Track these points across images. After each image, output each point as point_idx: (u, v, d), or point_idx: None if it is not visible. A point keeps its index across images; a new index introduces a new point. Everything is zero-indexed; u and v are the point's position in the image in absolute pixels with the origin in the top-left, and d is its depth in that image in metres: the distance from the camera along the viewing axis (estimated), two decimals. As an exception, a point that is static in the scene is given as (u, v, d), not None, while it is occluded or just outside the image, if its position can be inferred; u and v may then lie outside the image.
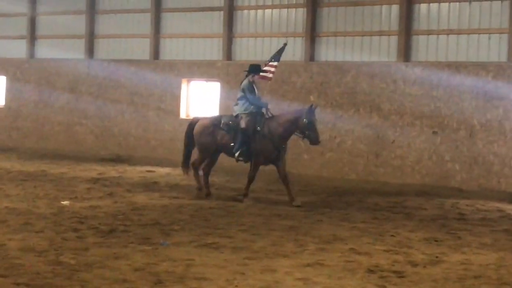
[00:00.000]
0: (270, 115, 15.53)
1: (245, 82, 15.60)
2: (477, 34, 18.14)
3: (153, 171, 20.27)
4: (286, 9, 21.02)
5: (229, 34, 21.98)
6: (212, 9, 22.41)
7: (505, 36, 17.73)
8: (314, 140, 15.25)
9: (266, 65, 16.28)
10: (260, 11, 21.51)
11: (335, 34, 20.18)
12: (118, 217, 12.83)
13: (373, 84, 19.27)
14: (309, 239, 11.36)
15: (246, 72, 15.75)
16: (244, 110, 15.47)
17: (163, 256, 9.80)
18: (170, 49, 23.36)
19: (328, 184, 18.37)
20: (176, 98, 22.75)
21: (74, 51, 25.24)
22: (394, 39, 19.25)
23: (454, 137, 18.16)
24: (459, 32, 18.39)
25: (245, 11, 21.78)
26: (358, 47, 19.82)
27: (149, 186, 17.25)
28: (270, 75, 16.29)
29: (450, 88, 18.21)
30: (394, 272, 9.32)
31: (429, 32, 18.81)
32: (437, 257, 10.32)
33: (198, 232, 11.63)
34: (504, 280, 9.01)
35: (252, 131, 15.30)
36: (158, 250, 10.20)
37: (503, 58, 17.76)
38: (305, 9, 20.62)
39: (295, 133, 15.41)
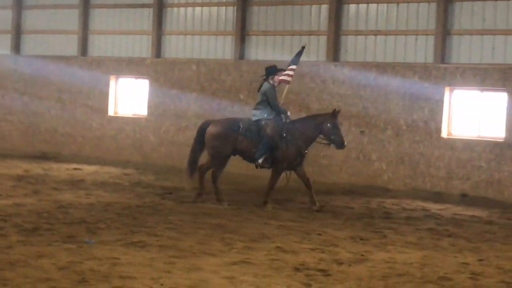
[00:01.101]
0: (288, 120, 15.31)
1: (267, 86, 15.16)
2: (404, 35, 18.36)
3: (80, 169, 20.03)
4: (216, 7, 20.98)
5: (159, 31, 21.83)
6: (141, 5, 22.23)
7: (431, 38, 17.99)
8: (339, 144, 15.13)
9: (287, 69, 15.82)
10: (190, 9, 21.42)
11: (265, 33, 20.22)
12: (42, 215, 12.62)
13: (302, 84, 19.35)
14: (236, 238, 11.35)
15: (264, 76, 15.40)
16: (267, 116, 15.10)
17: (88, 254, 9.67)
18: (99, 46, 23.10)
19: (257, 183, 18.34)
20: (104, 95, 22.50)
21: (0, 47, 24.74)
22: (323, 39, 19.37)
23: (381, 137, 18.37)
24: (386, 33, 18.59)
25: (175, 9, 21.67)
26: (288, 47, 19.87)
27: (76, 184, 17.03)
28: (289, 79, 15.76)
29: (378, 89, 18.41)
30: (320, 270, 9.37)
31: (357, 33, 18.98)
32: (362, 255, 10.42)
33: (124, 231, 11.51)
34: (427, 279, 9.14)
35: (277, 137, 15.00)
36: (83, 248, 10.06)
37: (430, 59, 18.02)
38: (235, 7, 20.60)
39: (320, 137, 15.29)
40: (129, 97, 22.46)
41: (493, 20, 17.34)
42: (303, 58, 19.50)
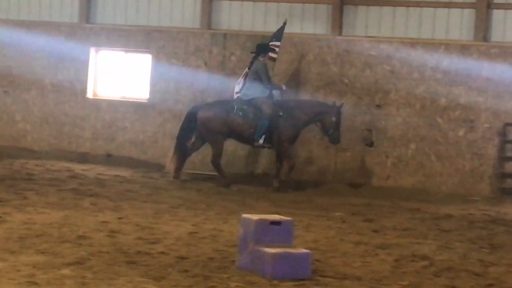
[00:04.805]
0: (284, 92, 14.91)
1: (259, 64, 14.70)
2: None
3: None
4: None
5: None
6: None
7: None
8: (336, 140, 14.90)
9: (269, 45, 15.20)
10: None
11: None
12: None
13: None
14: None
15: (253, 54, 14.81)
16: (261, 94, 14.61)
17: None
18: None
19: None
20: None
21: None
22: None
23: (25, 97, 17.89)
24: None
25: None
26: None
27: None
28: (275, 55, 15.20)
29: (22, 47, 17.84)
30: None
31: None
32: (0, 217, 10.06)
33: None
34: (65, 238, 9.02)
35: (276, 116, 14.39)
36: None
37: (75, 19, 17.81)
38: None
39: (315, 123, 14.93)
40: None
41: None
42: None
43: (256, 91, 14.77)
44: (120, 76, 17.66)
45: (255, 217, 8.00)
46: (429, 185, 15.55)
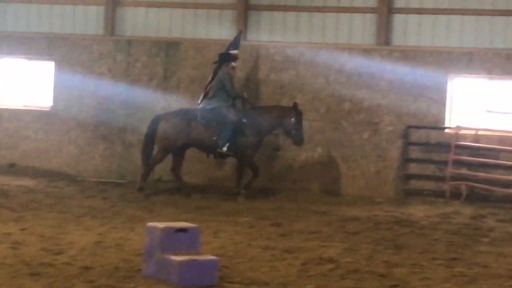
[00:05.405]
0: (248, 106, 15.00)
1: (223, 73, 14.65)
2: None
3: None
4: None
5: None
6: None
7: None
8: (299, 140, 14.76)
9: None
10: None
11: None
12: None
13: None
14: None
15: (216, 63, 14.87)
16: (225, 103, 14.53)
17: None
18: None
19: None
20: None
21: None
22: None
23: None
24: None
25: None
26: None
27: None
28: (235, 64, 15.08)
29: None
30: None
31: None
32: None
33: None
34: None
35: (241, 123, 14.47)
36: None
37: None
38: None
39: (277, 129, 14.95)
40: None
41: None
42: None
43: (219, 100, 14.70)
44: (22, 84, 17.31)
45: (161, 225, 7.95)
46: (335, 188, 15.73)
